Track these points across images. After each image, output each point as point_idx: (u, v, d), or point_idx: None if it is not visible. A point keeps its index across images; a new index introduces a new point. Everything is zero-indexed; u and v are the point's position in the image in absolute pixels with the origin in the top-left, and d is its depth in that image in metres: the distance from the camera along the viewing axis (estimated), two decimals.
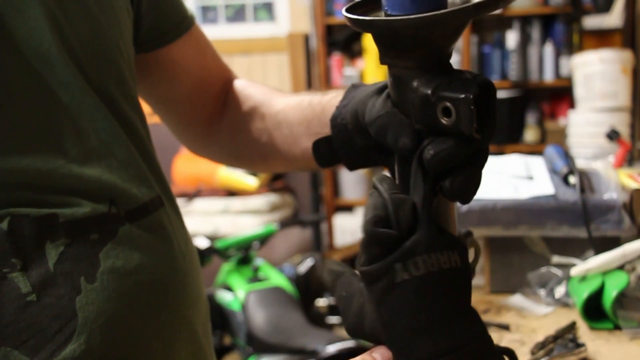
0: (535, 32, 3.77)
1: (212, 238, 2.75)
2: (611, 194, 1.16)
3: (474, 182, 0.55)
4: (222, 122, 0.95)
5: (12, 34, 0.66)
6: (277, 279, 2.62)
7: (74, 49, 0.70)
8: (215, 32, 4.39)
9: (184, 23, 0.90)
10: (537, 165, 1.31)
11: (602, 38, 3.44)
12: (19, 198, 0.65)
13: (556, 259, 1.16)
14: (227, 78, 0.97)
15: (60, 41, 0.68)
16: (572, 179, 1.21)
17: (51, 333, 0.64)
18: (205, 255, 2.62)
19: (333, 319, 2.88)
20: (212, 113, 0.95)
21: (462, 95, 0.51)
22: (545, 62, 3.77)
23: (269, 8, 4.38)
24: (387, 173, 0.64)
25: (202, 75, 0.93)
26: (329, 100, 0.78)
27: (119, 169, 0.72)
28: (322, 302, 2.88)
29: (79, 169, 0.68)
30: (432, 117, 0.53)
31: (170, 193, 0.83)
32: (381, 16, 0.54)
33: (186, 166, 3.65)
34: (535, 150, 3.53)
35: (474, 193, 0.56)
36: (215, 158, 0.99)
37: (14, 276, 0.62)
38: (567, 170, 1.23)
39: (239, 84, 0.95)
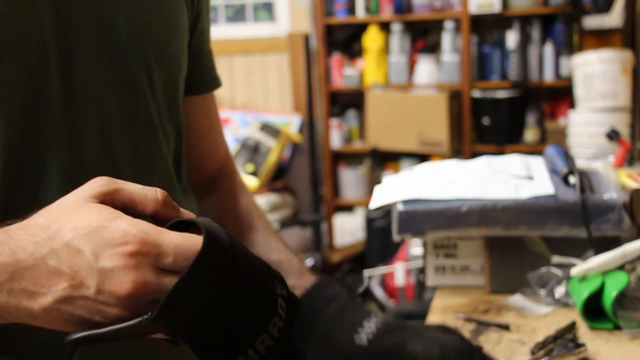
0: (535, 32, 3.77)
1: None
2: (611, 194, 1.16)
3: None
4: (203, 198, 0.96)
5: (105, 15, 0.69)
6: None
7: (146, 53, 0.73)
8: (215, 32, 4.37)
9: (209, 83, 0.91)
10: (537, 165, 1.31)
11: (602, 38, 3.43)
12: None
13: (556, 259, 1.16)
14: (223, 161, 0.97)
15: (135, 40, 0.71)
16: (572, 179, 1.21)
17: (55, 348, 0.65)
18: None
19: None
20: (196, 182, 0.95)
21: None
22: (545, 62, 3.77)
23: (269, 8, 4.38)
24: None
25: (200, 144, 0.93)
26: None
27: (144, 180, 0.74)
28: None
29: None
30: None
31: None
32: None
33: None
34: (535, 150, 3.52)
35: None
36: None
37: None
38: (567, 170, 1.23)
39: (239, 191, 0.97)
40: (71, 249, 0.50)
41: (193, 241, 0.51)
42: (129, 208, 0.54)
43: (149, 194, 0.54)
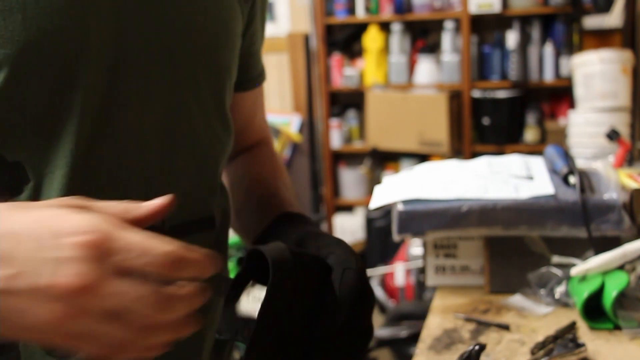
0: (535, 32, 3.77)
1: None
2: (611, 194, 1.16)
3: None
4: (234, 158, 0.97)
5: (162, 17, 0.69)
6: None
7: (196, 52, 0.72)
8: None
9: (258, 79, 0.93)
10: (537, 165, 1.31)
11: (602, 38, 3.44)
12: None
13: (556, 259, 1.16)
14: (261, 138, 0.99)
15: (187, 48, 0.71)
16: (572, 179, 1.21)
17: None
18: None
19: None
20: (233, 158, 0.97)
21: None
22: (545, 62, 3.77)
23: (269, 8, 4.38)
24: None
25: (245, 130, 0.94)
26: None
27: (175, 180, 0.73)
28: None
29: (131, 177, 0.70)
30: None
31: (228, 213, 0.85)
32: None
33: None
34: (535, 150, 3.53)
35: None
36: None
37: None
38: (567, 170, 1.23)
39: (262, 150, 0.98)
40: (14, 236, 0.45)
41: (159, 242, 0.48)
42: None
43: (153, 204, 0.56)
